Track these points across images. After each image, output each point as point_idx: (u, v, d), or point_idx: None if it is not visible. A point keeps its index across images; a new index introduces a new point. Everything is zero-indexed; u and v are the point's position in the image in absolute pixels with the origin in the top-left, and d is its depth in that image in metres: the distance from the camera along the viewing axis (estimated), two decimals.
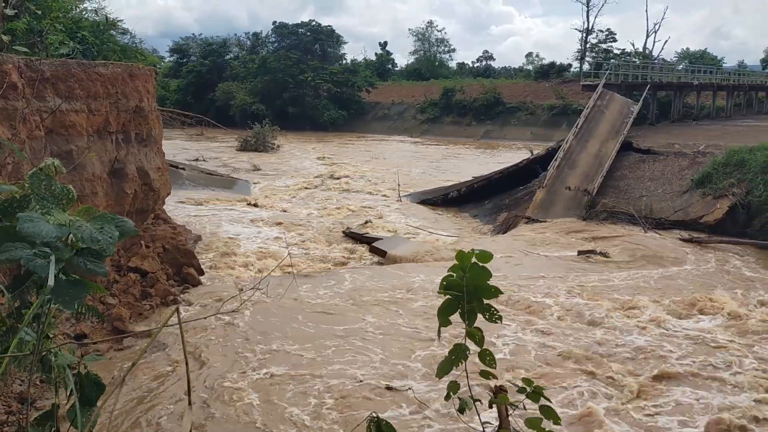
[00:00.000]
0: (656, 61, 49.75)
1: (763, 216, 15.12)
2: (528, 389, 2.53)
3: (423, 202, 22.61)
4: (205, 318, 9.21)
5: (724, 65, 63.21)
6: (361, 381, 7.76)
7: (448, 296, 2.43)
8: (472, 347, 2.46)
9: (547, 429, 2.38)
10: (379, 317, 10.04)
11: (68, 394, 1.99)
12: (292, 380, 7.75)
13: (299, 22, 78.42)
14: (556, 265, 13.36)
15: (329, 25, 77.99)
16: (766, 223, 14.95)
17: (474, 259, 2.36)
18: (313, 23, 77.16)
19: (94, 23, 14.35)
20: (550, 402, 2.53)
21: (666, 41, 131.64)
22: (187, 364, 2.17)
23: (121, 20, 16.15)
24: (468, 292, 2.37)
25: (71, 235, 1.65)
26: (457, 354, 2.49)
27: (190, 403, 2.07)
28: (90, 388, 1.96)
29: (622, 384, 7.73)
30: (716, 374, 8.01)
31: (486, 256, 2.36)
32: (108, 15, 14.70)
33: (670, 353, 8.65)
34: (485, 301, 2.42)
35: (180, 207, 19.23)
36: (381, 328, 9.60)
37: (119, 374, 7.60)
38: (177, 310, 1.87)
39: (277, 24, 79.17)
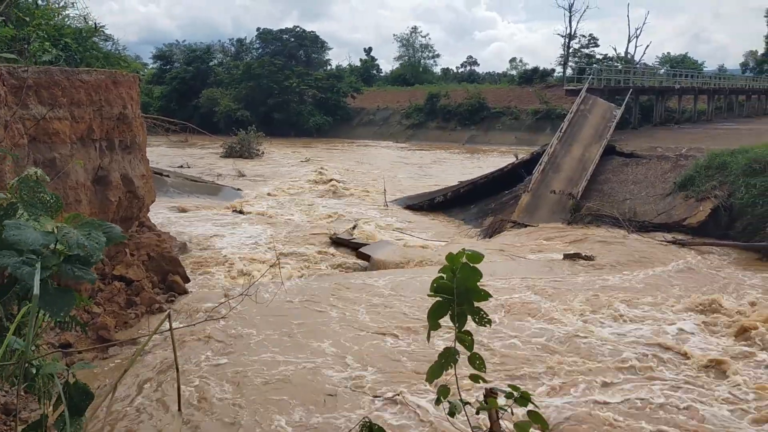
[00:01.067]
0: (638, 65, 50.24)
1: (745, 218, 15.30)
2: (515, 394, 2.54)
3: (409, 207, 22.64)
4: (194, 325, 9.15)
5: (704, 69, 64.06)
6: (351, 389, 7.73)
7: (437, 299, 2.43)
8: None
9: None
10: (367, 322, 10.03)
11: (52, 402, 1.97)
12: (280, 387, 7.71)
13: (283, 28, 78.53)
14: (542, 268, 13.42)
15: (313, 31, 78.27)
16: (748, 224, 15.12)
17: (464, 260, 2.36)
18: (298, 29, 77.25)
19: (76, 30, 14.23)
20: (538, 408, 2.55)
21: (647, 46, 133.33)
22: (177, 369, 2.15)
23: (104, 26, 16.05)
24: (458, 294, 2.37)
25: (58, 243, 1.64)
26: (447, 358, 2.50)
27: (179, 409, 2.06)
28: (78, 397, 1.95)
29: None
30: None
31: (477, 257, 2.36)
32: (92, 21, 14.59)
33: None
34: (475, 304, 2.43)
35: (165, 214, 19.11)
36: (370, 333, 9.59)
37: (107, 383, 7.53)
38: (168, 315, 1.86)
39: (261, 30, 79.18)
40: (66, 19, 14.67)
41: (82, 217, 1.67)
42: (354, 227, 18.08)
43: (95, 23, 14.08)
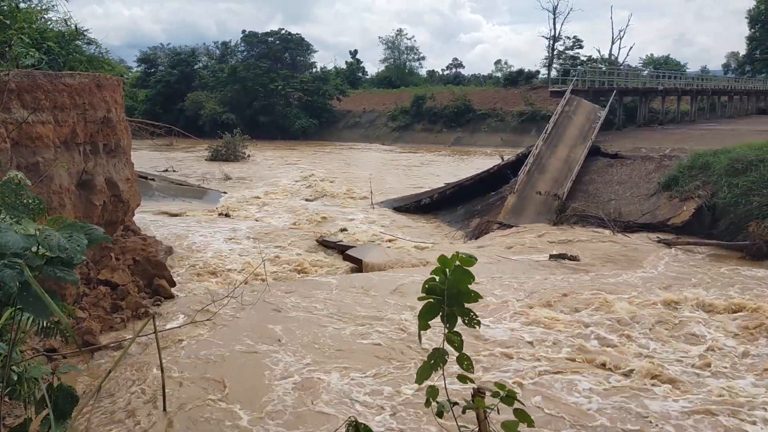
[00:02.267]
0: (622, 67, 50.66)
1: (728, 217, 15.46)
2: (502, 393, 2.55)
3: (396, 209, 22.67)
4: (179, 327, 9.11)
5: (687, 71, 64.74)
6: (342, 392, 7.73)
7: (428, 300, 2.44)
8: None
9: None
10: (354, 325, 10.02)
11: (33, 405, 1.96)
12: (264, 387, 7.69)
13: (268, 30, 78.29)
14: (528, 269, 13.49)
15: (299, 34, 78.13)
16: (731, 223, 15.28)
17: (457, 263, 2.38)
18: (283, 32, 77.07)
19: (59, 33, 14.12)
20: (524, 405, 2.57)
21: (631, 48, 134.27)
22: (162, 370, 2.14)
23: (87, 30, 15.92)
24: (449, 296, 2.39)
25: (40, 246, 1.63)
26: (436, 359, 2.51)
27: (165, 409, 2.05)
28: (64, 401, 1.94)
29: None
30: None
31: (470, 260, 2.39)
32: (74, 24, 14.48)
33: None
34: (465, 305, 2.45)
35: (150, 218, 18.99)
36: (355, 334, 9.59)
37: (92, 386, 7.48)
38: (152, 317, 1.85)
39: (246, 33, 78.91)
40: (48, 23, 14.54)
41: (64, 219, 1.66)
42: (342, 230, 18.08)
43: (75, 26, 13.96)
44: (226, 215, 20.82)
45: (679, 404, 7.31)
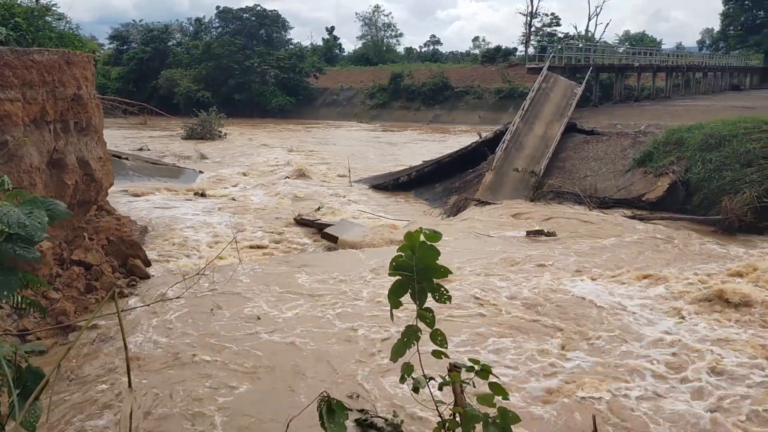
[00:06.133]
0: (598, 43, 50.79)
1: (701, 192, 15.66)
2: (476, 368, 2.57)
3: (374, 187, 22.63)
4: (148, 305, 9.05)
5: (663, 47, 65.13)
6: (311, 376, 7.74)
7: (398, 277, 2.43)
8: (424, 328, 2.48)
9: (498, 405, 2.42)
10: (330, 303, 10.02)
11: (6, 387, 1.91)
12: (233, 365, 7.68)
13: (243, 6, 77.34)
14: (506, 245, 13.57)
15: (275, 10, 76.99)
16: (704, 198, 15.48)
17: (422, 239, 2.36)
18: (258, 8, 75.98)
19: (27, 9, 13.74)
20: (498, 379, 2.58)
21: (607, 24, 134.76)
22: (126, 347, 2.11)
23: (55, 5, 15.50)
24: (418, 272, 2.37)
25: None
26: (409, 336, 2.51)
27: (130, 385, 2.03)
28: (32, 382, 1.90)
29: None
30: None
31: (434, 236, 2.37)
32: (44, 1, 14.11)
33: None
34: (435, 281, 2.44)
35: (125, 198, 18.74)
36: (334, 315, 9.60)
37: (64, 368, 7.42)
38: (114, 293, 1.81)
39: (220, 9, 77.65)
40: None
41: (25, 194, 1.61)
42: (318, 208, 18.01)
43: (47, 2, 13.62)
44: (202, 194, 20.60)
45: None
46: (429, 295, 2.41)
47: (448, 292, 2.44)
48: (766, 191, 14.30)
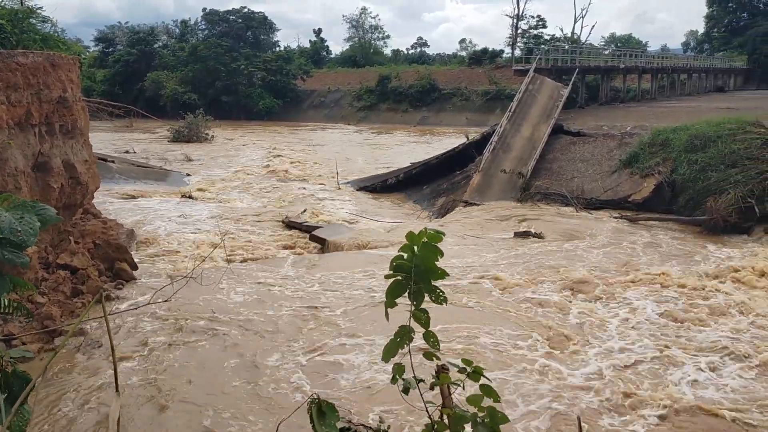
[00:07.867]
0: (584, 45, 51.08)
1: (687, 193, 15.79)
2: (468, 369, 2.56)
3: (362, 189, 22.62)
4: (135, 309, 9.01)
5: (648, 49, 65.62)
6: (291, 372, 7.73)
7: (396, 277, 2.42)
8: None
9: (486, 405, 2.42)
10: (321, 303, 10.02)
11: None
12: (221, 369, 7.66)
13: (230, 9, 76.81)
14: (495, 247, 13.61)
15: (261, 12, 76.82)
16: (689, 199, 15.61)
17: (425, 239, 2.36)
18: (245, 10, 75.70)
19: (11, 11, 13.63)
20: (490, 381, 2.58)
21: (593, 26, 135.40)
22: (113, 350, 2.10)
23: (41, 7, 15.39)
24: (417, 272, 2.37)
25: None
26: (402, 336, 2.50)
27: (117, 390, 2.01)
28: (19, 386, 1.88)
29: None
30: None
31: (437, 236, 2.37)
32: (26, 2, 14.01)
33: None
34: (432, 282, 2.43)
35: (111, 201, 18.61)
36: (323, 314, 9.59)
37: (51, 373, 7.37)
38: (101, 296, 1.80)
39: (207, 11, 77.29)
40: (0, 1, 14.06)
41: (14, 198, 1.59)
42: (304, 211, 17.95)
43: (31, 4, 13.52)
44: (190, 197, 20.49)
45: None
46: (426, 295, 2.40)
47: (444, 293, 2.44)
48: (751, 192, 14.45)
